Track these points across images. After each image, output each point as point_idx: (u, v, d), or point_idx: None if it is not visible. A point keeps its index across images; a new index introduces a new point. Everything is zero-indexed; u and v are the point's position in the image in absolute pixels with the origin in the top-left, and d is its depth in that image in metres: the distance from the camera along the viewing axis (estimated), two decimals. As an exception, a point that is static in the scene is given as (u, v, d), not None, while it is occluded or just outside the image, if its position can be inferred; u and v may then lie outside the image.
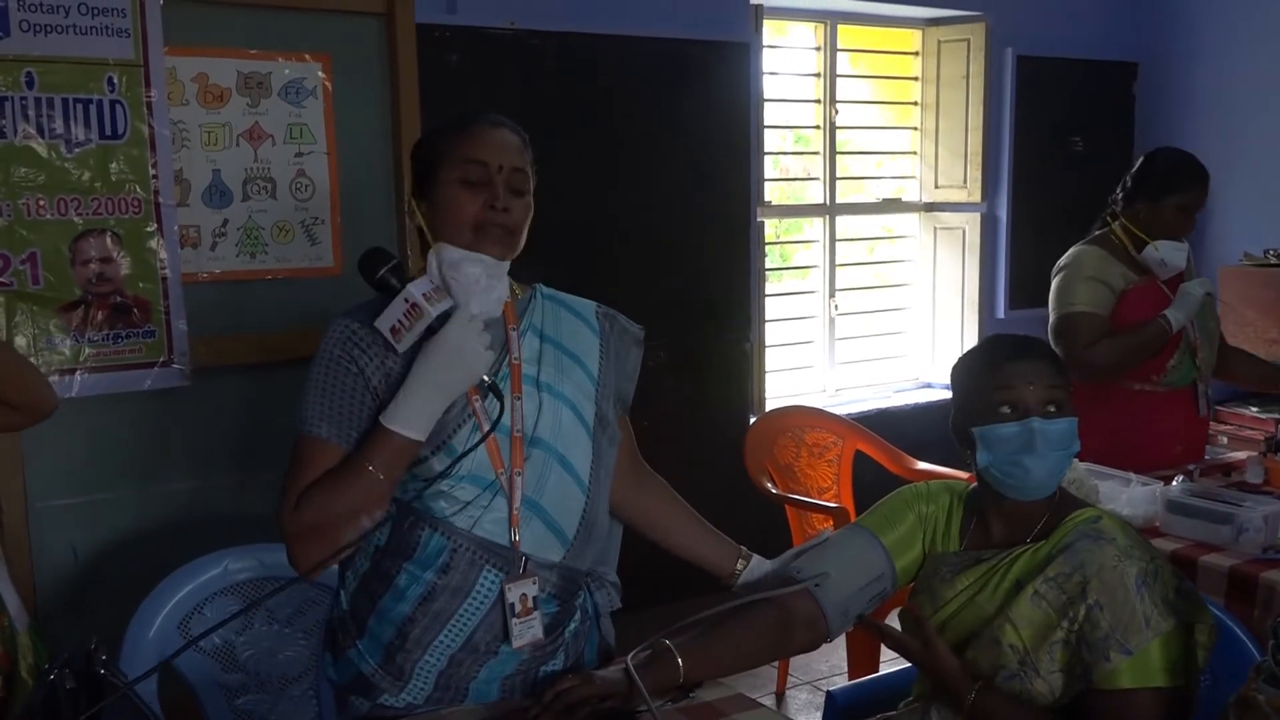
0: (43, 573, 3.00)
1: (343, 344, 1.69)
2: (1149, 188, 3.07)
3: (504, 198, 1.70)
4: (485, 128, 1.73)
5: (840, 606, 1.84)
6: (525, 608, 1.70)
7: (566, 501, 1.75)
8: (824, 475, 3.73)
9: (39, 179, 2.89)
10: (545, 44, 3.77)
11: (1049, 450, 1.75)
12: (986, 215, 4.96)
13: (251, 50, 3.17)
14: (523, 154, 1.75)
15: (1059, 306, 3.12)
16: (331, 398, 1.67)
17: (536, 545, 1.72)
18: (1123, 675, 1.66)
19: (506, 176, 1.71)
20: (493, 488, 1.69)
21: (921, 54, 4.97)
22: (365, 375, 1.67)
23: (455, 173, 1.70)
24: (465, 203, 1.69)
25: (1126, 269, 3.09)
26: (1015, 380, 1.77)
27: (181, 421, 3.15)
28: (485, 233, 1.70)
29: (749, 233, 4.34)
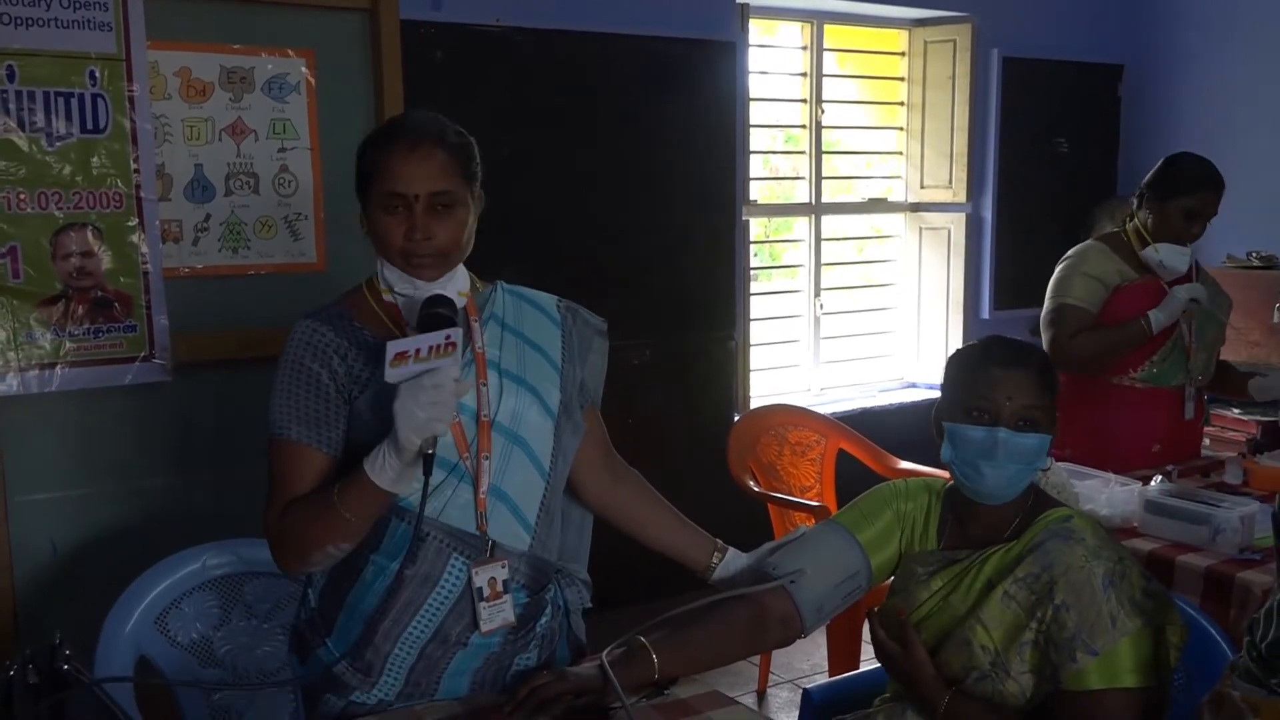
0: (22, 567, 2.98)
1: (307, 345, 1.70)
2: (1159, 189, 3.10)
3: (423, 227, 1.67)
4: (403, 152, 1.67)
5: (815, 604, 1.84)
6: (494, 591, 1.71)
7: (527, 488, 1.76)
8: (806, 474, 3.74)
9: (20, 173, 2.87)
10: (531, 41, 3.77)
11: (1009, 461, 1.75)
12: (971, 216, 4.98)
13: (235, 45, 3.15)
14: (448, 168, 1.69)
15: (1054, 296, 3.18)
16: (299, 399, 1.68)
17: (503, 533, 1.73)
18: (1090, 676, 1.66)
19: (425, 203, 1.68)
20: (457, 472, 1.69)
21: (908, 54, 4.98)
22: (330, 375, 1.68)
23: (378, 201, 1.69)
24: (389, 232, 1.69)
25: (1127, 266, 3.13)
26: (996, 388, 1.76)
27: (162, 417, 3.13)
28: (411, 260, 1.70)
29: (734, 231, 4.34)
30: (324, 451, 1.69)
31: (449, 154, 1.70)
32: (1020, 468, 1.76)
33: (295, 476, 1.68)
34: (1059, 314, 3.13)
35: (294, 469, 1.67)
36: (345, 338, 1.71)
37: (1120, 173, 5.36)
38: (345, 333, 1.72)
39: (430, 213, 1.68)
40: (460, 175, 1.72)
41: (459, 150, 1.73)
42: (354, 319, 1.74)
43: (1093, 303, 3.10)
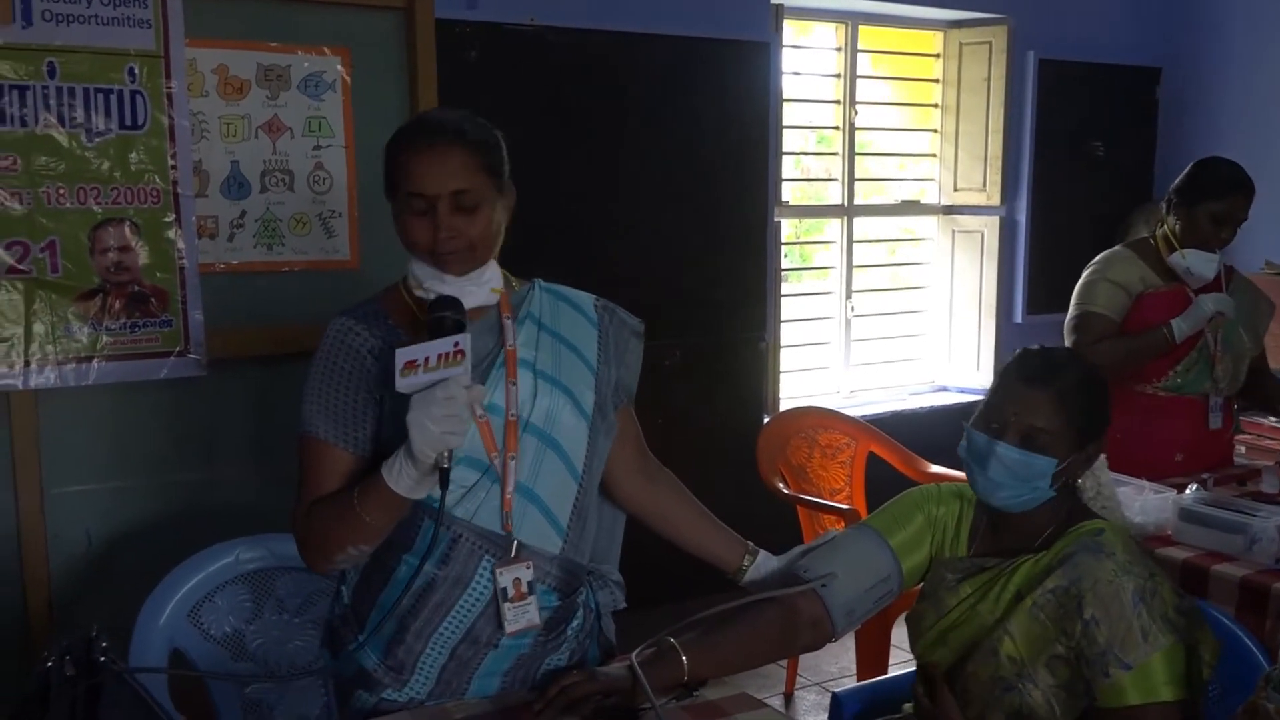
0: (57, 557, 3.01)
1: (340, 343, 1.71)
2: (1187, 194, 3.07)
3: (447, 225, 1.67)
4: (423, 151, 1.67)
5: (846, 607, 1.84)
6: (519, 592, 1.71)
7: (560, 490, 1.76)
8: (836, 476, 3.72)
9: (59, 168, 2.90)
10: (565, 41, 3.78)
11: (1002, 475, 1.75)
12: (1005, 219, 4.95)
13: (272, 43, 3.17)
14: (469, 165, 1.67)
15: (1078, 303, 3.16)
16: (329, 398, 1.69)
17: (534, 536, 1.73)
18: (1128, 691, 1.64)
19: (448, 203, 1.67)
20: (490, 474, 1.69)
21: (943, 56, 4.95)
22: (363, 374, 1.69)
23: (403, 202, 1.69)
24: (416, 232, 1.69)
25: (1152, 273, 3.10)
26: (1008, 402, 1.78)
27: (196, 411, 3.16)
28: (439, 258, 1.69)
29: (766, 232, 4.33)
30: (351, 451, 1.69)
31: (470, 150, 1.68)
32: (1016, 485, 1.76)
33: (322, 474, 1.69)
34: (1081, 321, 3.12)
35: (321, 467, 1.69)
36: (379, 336, 1.72)
37: (1156, 177, 5.31)
38: (379, 331, 1.72)
39: (454, 212, 1.67)
40: (483, 171, 1.70)
41: (480, 146, 1.71)
42: (388, 317, 1.74)
43: (1116, 310, 3.08)
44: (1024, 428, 1.75)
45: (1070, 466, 1.77)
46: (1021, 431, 1.75)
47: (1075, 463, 1.78)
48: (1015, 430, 1.75)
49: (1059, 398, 1.75)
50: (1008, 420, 1.77)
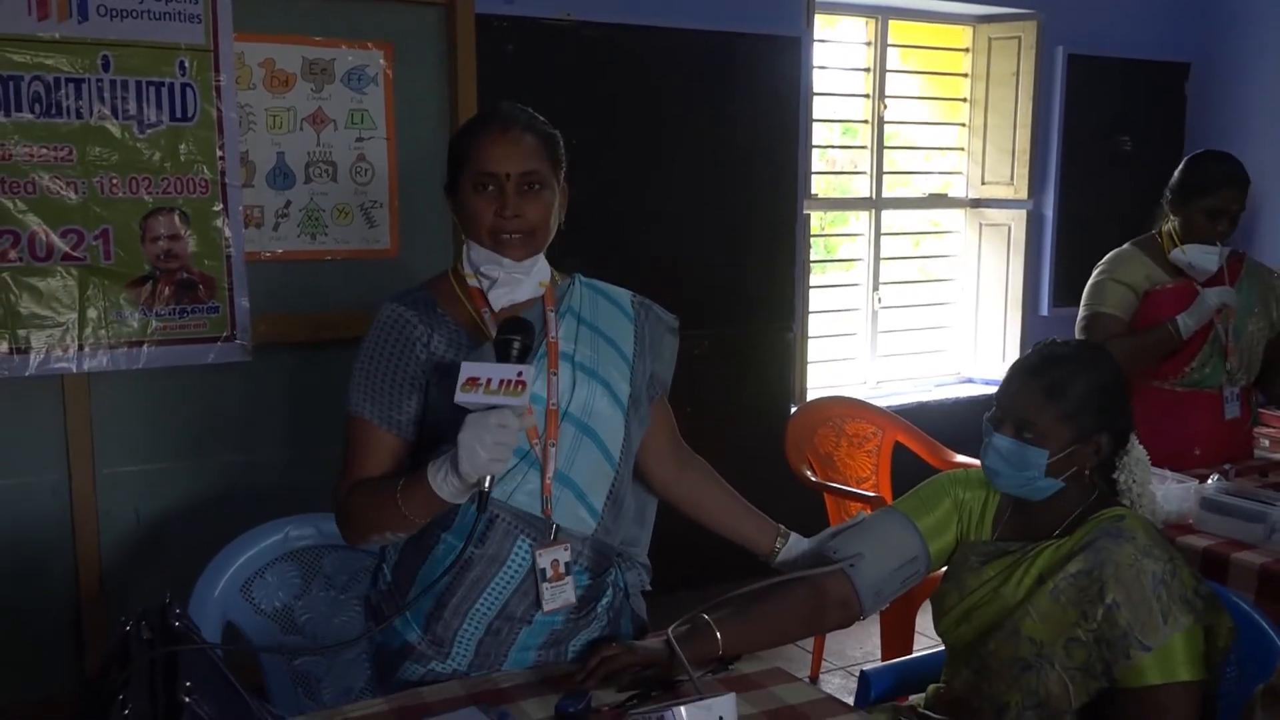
0: (108, 534, 3.13)
1: (390, 328, 1.78)
2: (1182, 191, 3.11)
3: (513, 205, 1.75)
4: (495, 135, 1.75)
5: (873, 587, 1.91)
6: (556, 573, 1.78)
7: (596, 476, 1.83)
8: (863, 465, 3.79)
9: (112, 158, 3.00)
10: (600, 35, 3.85)
11: (997, 463, 1.85)
12: (1033, 213, 4.98)
13: (317, 37, 3.27)
14: (537, 152, 1.77)
15: (1087, 304, 3.21)
16: (376, 381, 1.77)
17: (569, 518, 1.80)
18: (1149, 671, 1.70)
19: (516, 183, 1.75)
20: (529, 459, 1.77)
21: (972, 50, 4.99)
22: (410, 359, 1.76)
23: (470, 182, 1.77)
24: (480, 211, 1.76)
25: (1159, 270, 3.13)
26: (1004, 395, 1.87)
27: (241, 395, 3.26)
28: (500, 239, 1.77)
29: (795, 225, 4.40)
30: (395, 434, 1.77)
31: (538, 139, 1.79)
32: (1012, 474, 1.84)
33: (365, 455, 1.76)
34: (1091, 322, 3.16)
35: (364, 448, 1.76)
36: (429, 323, 1.79)
37: (1184, 172, 5.32)
38: (428, 318, 1.79)
39: (520, 192, 1.76)
40: (548, 159, 1.80)
41: (547, 138, 1.82)
42: (438, 305, 1.81)
43: (1124, 309, 3.12)
44: (1016, 419, 1.83)
45: (1070, 458, 1.82)
46: (1015, 423, 1.83)
47: (1078, 455, 1.82)
48: (1010, 422, 1.84)
49: (1052, 391, 1.82)
50: (1005, 410, 1.86)
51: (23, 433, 3.02)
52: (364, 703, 1.74)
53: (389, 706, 1.71)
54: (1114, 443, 1.86)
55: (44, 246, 2.95)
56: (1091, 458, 1.84)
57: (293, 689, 2.37)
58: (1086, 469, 1.85)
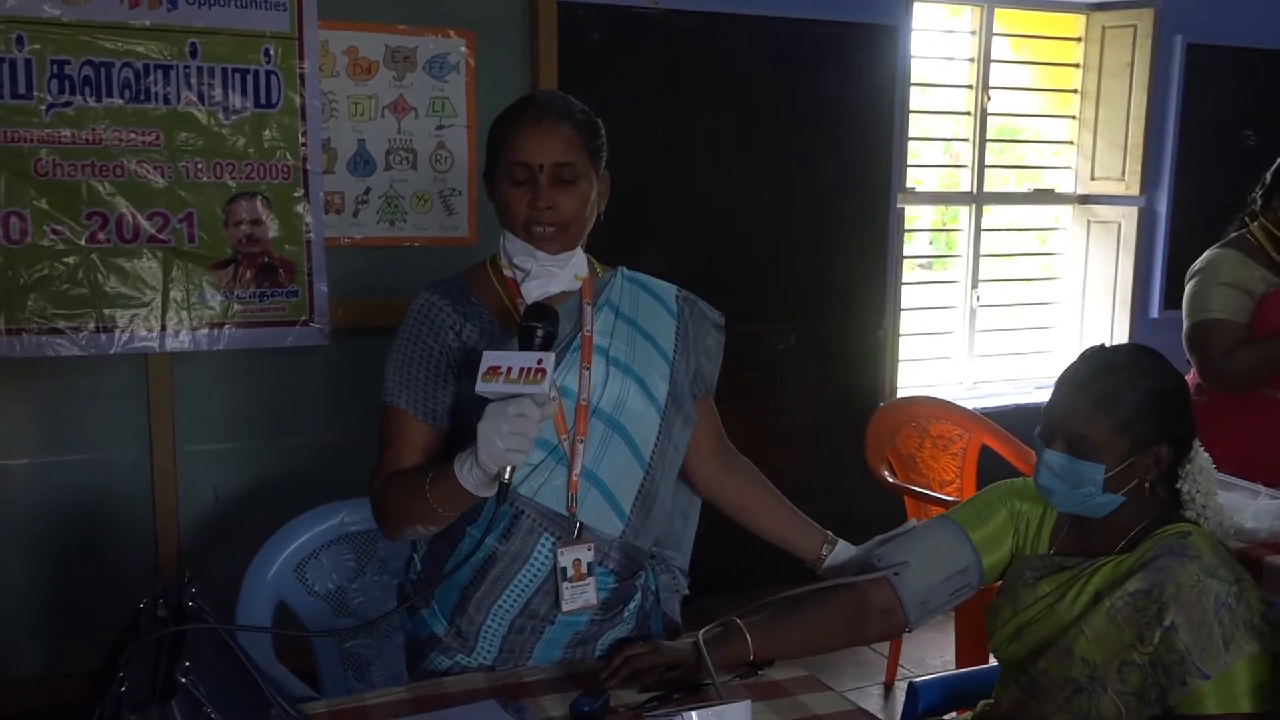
0: (186, 511, 3.21)
1: (423, 318, 1.76)
2: None
3: (546, 196, 1.70)
4: (530, 124, 1.71)
5: (919, 597, 1.82)
6: (578, 573, 1.74)
7: (624, 475, 1.78)
8: (947, 468, 3.67)
9: (198, 144, 3.07)
10: (688, 24, 3.79)
11: (1050, 481, 1.75)
12: (1145, 210, 4.76)
13: (400, 25, 3.29)
14: (573, 142, 1.72)
15: (1193, 314, 2.98)
16: (410, 371, 1.75)
17: (595, 518, 1.76)
18: (1207, 700, 1.60)
19: (550, 174, 1.70)
20: (556, 454, 1.73)
21: (1084, 40, 4.79)
22: (443, 349, 1.74)
23: (505, 171, 1.73)
24: (514, 202, 1.72)
25: (1266, 272, 2.94)
26: (1053, 409, 1.77)
27: (317, 378, 3.32)
28: (533, 232, 1.73)
29: (888, 219, 4.28)
30: (429, 423, 1.75)
31: (574, 128, 1.74)
32: (1066, 491, 1.73)
33: (400, 445, 1.75)
34: (1203, 331, 2.93)
35: (398, 437, 1.75)
36: (462, 312, 1.77)
37: (1314, 168, 5.03)
38: (462, 307, 1.77)
39: (554, 184, 1.72)
40: (585, 150, 1.75)
41: (584, 126, 1.76)
42: (472, 294, 1.79)
43: (1238, 313, 2.90)
44: (1069, 434, 1.72)
45: (1130, 471, 1.71)
46: (1067, 438, 1.72)
47: (1137, 467, 1.71)
48: (1062, 437, 1.73)
49: (1104, 403, 1.70)
50: (1053, 427, 1.75)
51: (107, 410, 3.11)
52: (386, 690, 1.73)
53: (410, 695, 1.70)
54: (1175, 452, 1.74)
55: (131, 229, 3.03)
56: (1152, 469, 1.73)
57: (343, 671, 2.39)
58: (1147, 481, 1.73)
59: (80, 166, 2.96)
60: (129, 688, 1.29)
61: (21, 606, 3.14)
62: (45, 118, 2.92)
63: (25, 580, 3.13)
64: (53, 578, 3.15)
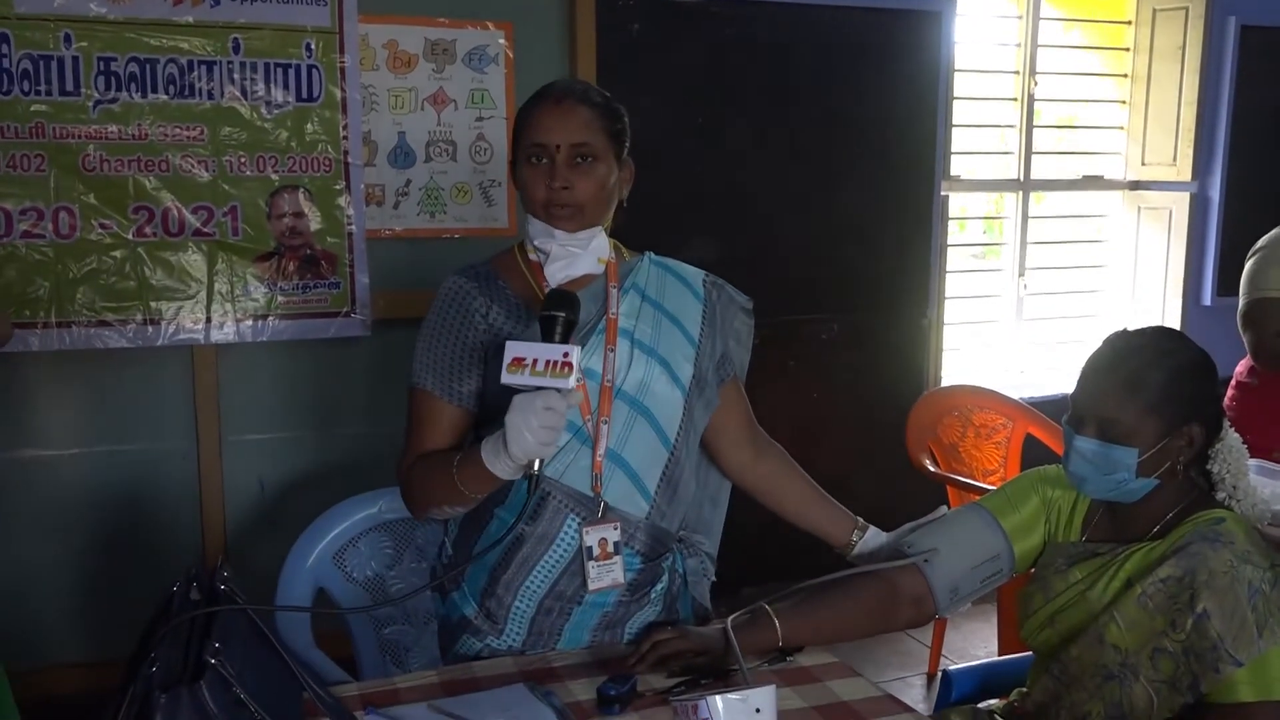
0: (232, 501, 3.26)
1: (451, 301, 1.79)
2: None
3: (563, 176, 1.72)
4: (549, 106, 1.74)
5: (950, 584, 1.82)
6: (604, 552, 1.75)
7: (649, 457, 1.79)
8: (991, 457, 3.63)
9: (241, 138, 3.12)
10: (728, 13, 3.78)
11: (1082, 468, 1.72)
12: (1197, 195, 4.67)
13: (439, 18, 3.32)
14: (591, 124, 1.74)
15: (1250, 291, 2.95)
16: (438, 354, 1.77)
17: (621, 499, 1.77)
18: (1241, 687, 1.58)
19: (566, 154, 1.72)
20: (580, 435, 1.74)
21: (1135, 23, 4.70)
22: (471, 330, 1.76)
23: (524, 154, 1.76)
24: (533, 183, 1.74)
25: None
26: (1081, 395, 1.74)
27: (360, 369, 3.35)
28: (551, 211, 1.74)
29: (932, 206, 4.24)
30: (456, 404, 1.77)
31: (592, 110, 1.76)
32: (1099, 478, 1.71)
33: (428, 427, 1.78)
34: (1259, 310, 2.90)
35: (427, 419, 1.78)
36: (488, 295, 1.79)
37: (1374, 152, 4.90)
38: (489, 290, 1.79)
39: (571, 164, 1.73)
40: (604, 131, 1.76)
41: (603, 109, 1.78)
42: (499, 277, 1.81)
43: None
44: (1099, 419, 1.69)
45: (1162, 453, 1.68)
46: (1097, 423, 1.69)
47: (1170, 449, 1.69)
48: (1092, 422, 1.70)
49: (1132, 384, 1.68)
50: (1083, 412, 1.72)
51: (153, 401, 3.17)
52: (416, 674, 1.76)
53: (439, 679, 1.72)
54: (1207, 432, 1.71)
55: (176, 222, 3.08)
56: (1185, 450, 1.70)
57: (381, 658, 2.42)
58: (1180, 464, 1.71)
59: (127, 162, 3.02)
60: (160, 668, 1.32)
61: (70, 594, 3.21)
62: (93, 114, 2.98)
63: (74, 569, 3.21)
64: (100, 566, 3.22)
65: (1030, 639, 1.86)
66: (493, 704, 1.62)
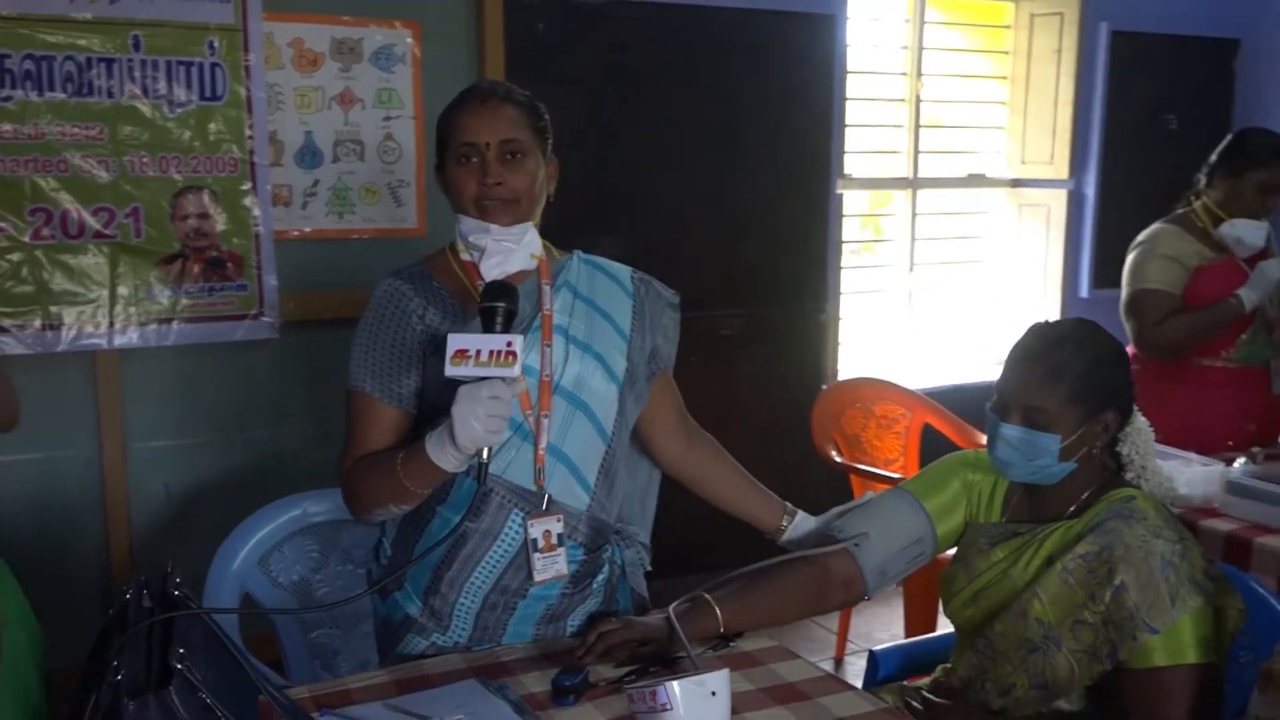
0: (137, 508, 3.19)
1: (387, 303, 1.81)
2: (1233, 164, 3.06)
3: (495, 173, 1.76)
4: (474, 107, 1.78)
5: (878, 567, 1.90)
6: (549, 543, 1.79)
7: (589, 450, 1.84)
8: (891, 446, 3.76)
9: (143, 137, 3.05)
10: (631, 15, 3.83)
11: (1008, 454, 1.82)
12: (1074, 192, 4.90)
13: (345, 16, 3.29)
14: (517, 121, 1.78)
15: (1131, 283, 3.14)
16: (376, 356, 1.79)
17: (563, 492, 1.81)
18: (1155, 653, 1.68)
19: (496, 151, 1.76)
20: (520, 431, 1.78)
21: (1014, 27, 4.91)
22: (408, 332, 1.78)
23: (453, 155, 1.78)
24: (464, 182, 1.77)
25: (1203, 246, 3.09)
26: (1006, 384, 1.84)
27: (268, 372, 3.31)
28: (485, 207, 1.78)
29: (828, 205, 4.36)
30: (396, 406, 1.79)
31: (517, 108, 1.80)
32: (1024, 463, 1.81)
33: (368, 429, 1.79)
34: (1139, 301, 3.10)
35: (367, 422, 1.79)
36: (424, 296, 1.80)
37: (1233, 151, 5.20)
38: (424, 291, 1.81)
39: (501, 161, 1.77)
40: (530, 128, 1.80)
41: (527, 107, 1.82)
42: (433, 278, 1.83)
43: (1173, 284, 3.07)
44: (1024, 407, 1.80)
45: (1082, 439, 1.79)
46: (1023, 411, 1.80)
47: (1088, 435, 1.80)
48: (1017, 410, 1.80)
49: (1055, 374, 1.78)
50: (1008, 399, 1.82)
51: (55, 408, 3.08)
52: (366, 674, 1.76)
53: (390, 678, 1.73)
54: (1121, 418, 1.83)
55: (76, 224, 3.00)
56: (1101, 436, 1.82)
57: (309, 662, 2.40)
58: (1095, 448, 1.82)
59: (23, 162, 2.92)
60: (125, 676, 1.31)
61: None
62: (-15, 113, 2.88)
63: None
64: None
65: (955, 616, 1.95)
66: (448, 700, 1.63)
